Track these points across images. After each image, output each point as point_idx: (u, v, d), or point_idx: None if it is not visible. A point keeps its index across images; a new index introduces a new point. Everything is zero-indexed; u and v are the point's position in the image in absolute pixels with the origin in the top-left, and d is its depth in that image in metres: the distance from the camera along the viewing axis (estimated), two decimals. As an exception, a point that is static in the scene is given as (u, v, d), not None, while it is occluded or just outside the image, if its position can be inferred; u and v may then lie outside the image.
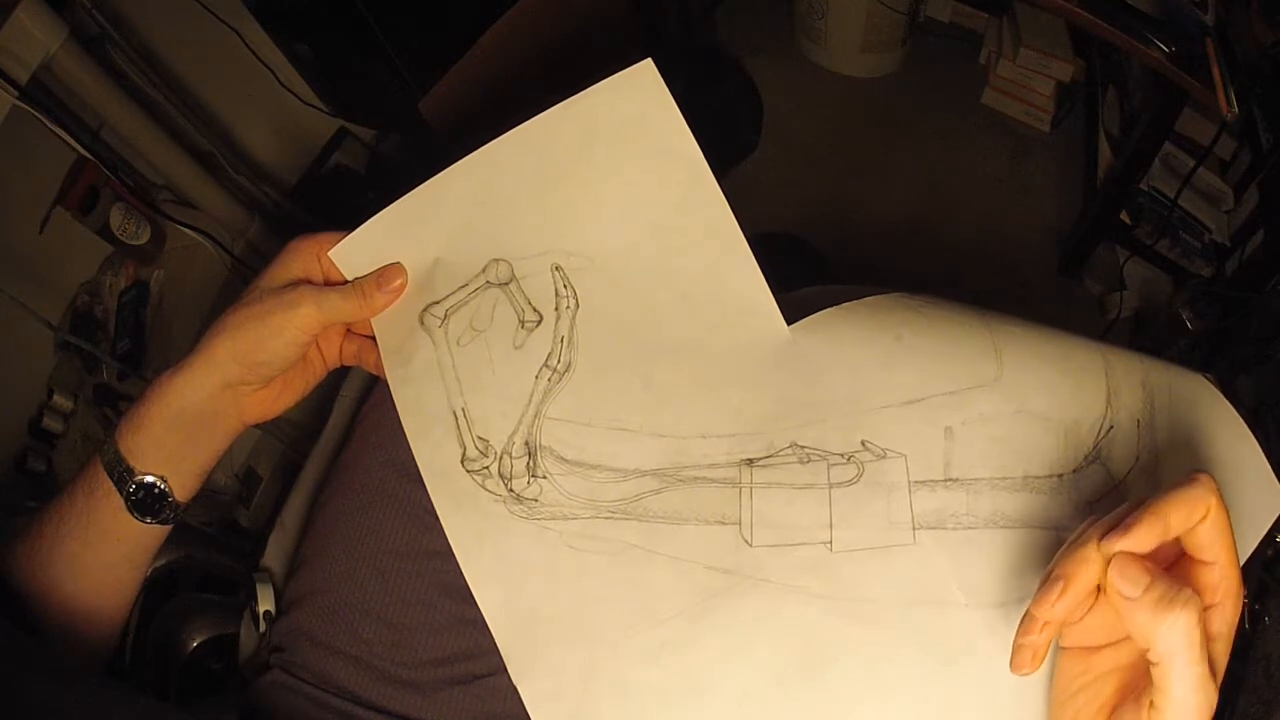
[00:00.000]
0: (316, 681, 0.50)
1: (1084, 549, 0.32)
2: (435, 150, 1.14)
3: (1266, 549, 0.67)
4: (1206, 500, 0.32)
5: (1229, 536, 0.32)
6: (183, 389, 0.46)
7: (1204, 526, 0.32)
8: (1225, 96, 0.96)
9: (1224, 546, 0.32)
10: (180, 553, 0.63)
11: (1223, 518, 0.32)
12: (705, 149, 0.45)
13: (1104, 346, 0.47)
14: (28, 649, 0.43)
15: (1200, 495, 0.32)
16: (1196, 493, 0.32)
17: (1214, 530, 0.32)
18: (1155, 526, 0.31)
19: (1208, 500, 0.32)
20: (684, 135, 0.45)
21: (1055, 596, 0.32)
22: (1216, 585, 0.32)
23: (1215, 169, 1.34)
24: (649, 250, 0.47)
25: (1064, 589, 0.32)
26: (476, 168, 0.47)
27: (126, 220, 1.14)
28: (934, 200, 1.59)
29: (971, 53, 1.71)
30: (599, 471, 0.46)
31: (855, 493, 0.43)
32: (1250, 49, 1.04)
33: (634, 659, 0.43)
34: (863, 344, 0.46)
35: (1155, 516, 0.31)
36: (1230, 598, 0.32)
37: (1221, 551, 0.32)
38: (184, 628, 0.63)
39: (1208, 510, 0.32)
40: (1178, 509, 0.32)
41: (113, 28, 1.12)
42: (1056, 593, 0.32)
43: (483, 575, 0.45)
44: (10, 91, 0.89)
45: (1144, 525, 0.31)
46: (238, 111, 1.36)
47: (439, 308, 0.49)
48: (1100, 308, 1.43)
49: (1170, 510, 0.32)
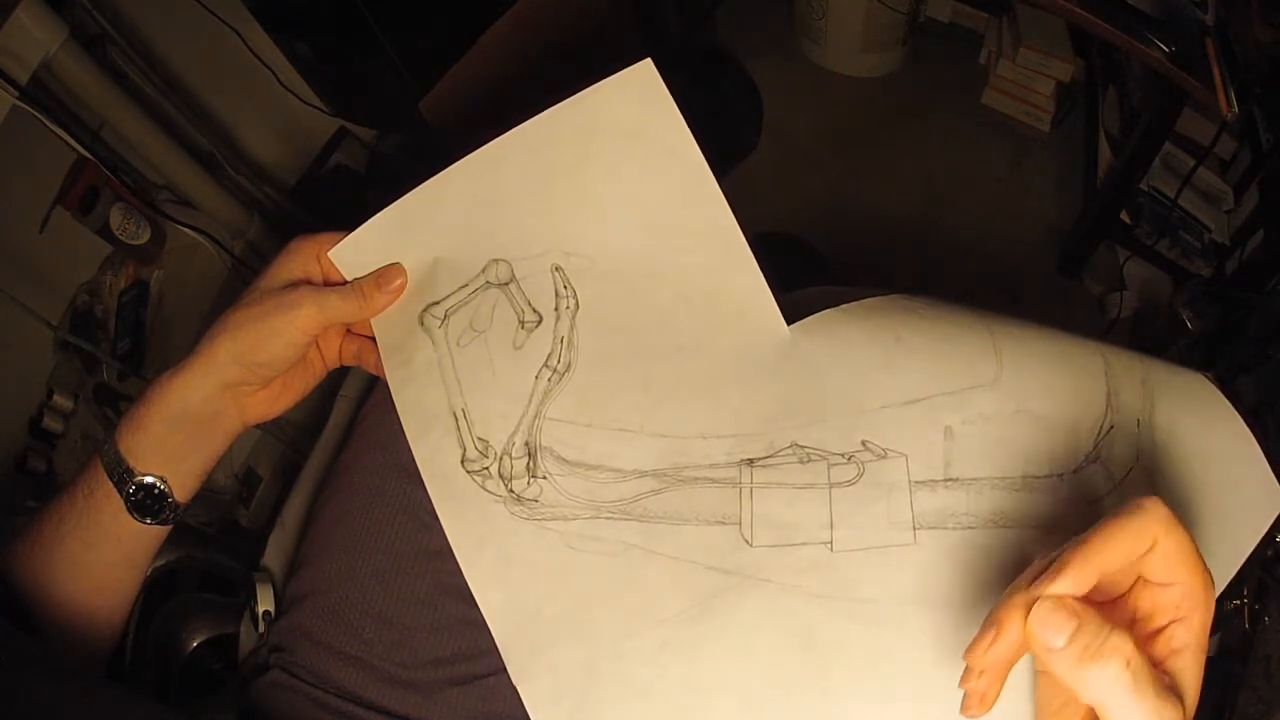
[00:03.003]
0: (316, 681, 0.50)
1: (1015, 595, 0.31)
2: (435, 150, 1.14)
3: (1266, 549, 0.67)
4: (1149, 531, 0.30)
5: (1188, 556, 0.30)
6: (183, 390, 0.46)
7: (1153, 556, 0.30)
8: (1225, 96, 0.96)
9: (1184, 567, 0.30)
10: (180, 553, 0.63)
11: (1176, 542, 0.30)
12: (705, 149, 0.45)
13: (1104, 346, 0.47)
14: (28, 649, 0.43)
15: (1141, 527, 0.30)
16: (1136, 525, 0.30)
17: (1165, 558, 0.30)
18: (1086, 570, 0.30)
19: (1151, 531, 0.30)
20: (684, 135, 0.45)
21: (987, 644, 0.31)
22: (1178, 604, 0.30)
23: (1215, 169, 1.34)
24: (649, 250, 0.47)
25: (995, 636, 0.31)
26: (476, 168, 0.47)
27: (126, 220, 1.14)
28: (934, 200, 1.59)
29: (971, 53, 1.71)
30: (599, 472, 0.46)
31: (855, 493, 0.43)
32: (1250, 49, 1.04)
33: (634, 659, 0.43)
34: (863, 344, 0.46)
35: (1084, 561, 0.30)
36: (1197, 610, 0.30)
37: (1180, 572, 0.30)
38: (184, 628, 0.63)
39: (1153, 541, 0.30)
40: (1114, 546, 0.30)
41: (113, 28, 1.12)
42: (988, 640, 0.31)
43: (483, 575, 0.45)
44: (10, 91, 0.89)
45: (1073, 569, 0.30)
46: (238, 111, 1.36)
47: (439, 308, 0.49)
48: (1100, 308, 1.43)
49: (1104, 549, 0.30)
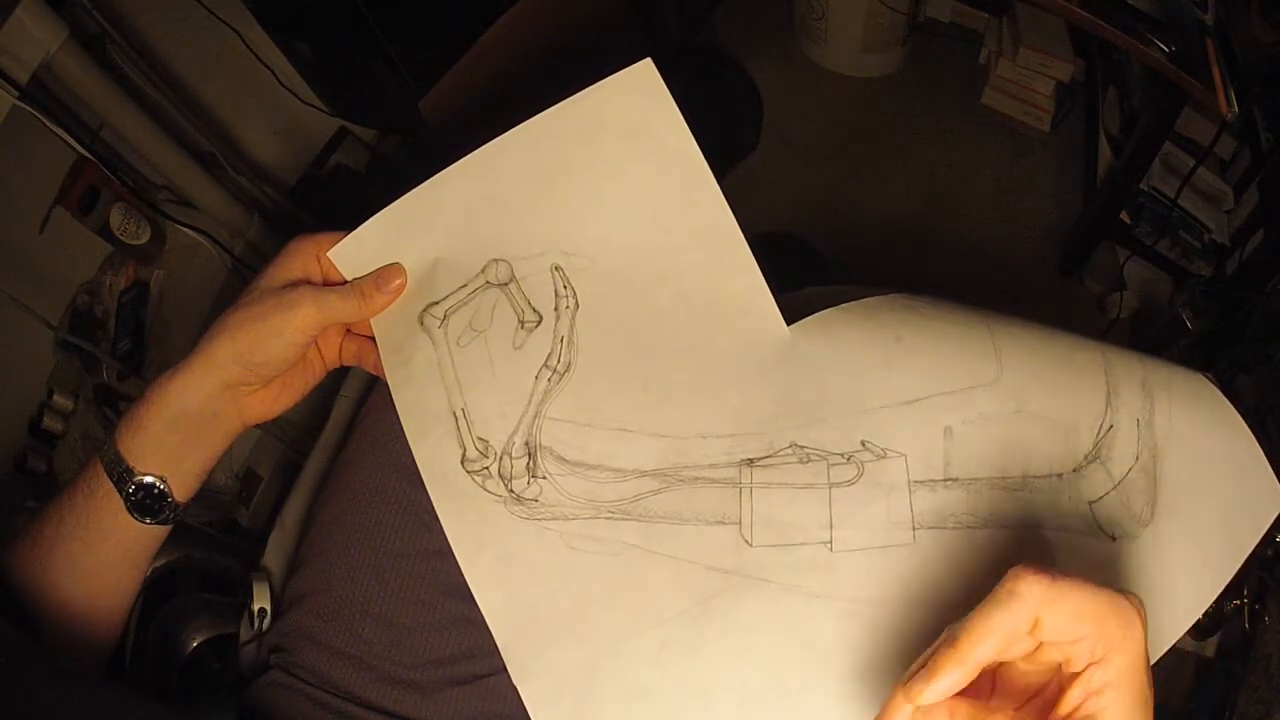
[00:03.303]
0: (316, 681, 0.50)
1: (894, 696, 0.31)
2: (435, 150, 1.14)
3: (1266, 549, 0.67)
4: (1027, 616, 0.29)
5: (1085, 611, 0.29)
6: (182, 390, 0.46)
7: (1045, 628, 0.29)
8: (1225, 96, 0.96)
9: (1088, 621, 0.29)
10: (180, 553, 0.62)
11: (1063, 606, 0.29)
12: (705, 149, 0.45)
13: (1104, 346, 0.47)
14: (28, 649, 0.43)
15: (1014, 617, 0.29)
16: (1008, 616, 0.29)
17: (1059, 625, 0.29)
18: (959, 670, 0.29)
19: (1029, 615, 0.29)
20: (684, 135, 0.45)
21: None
22: (1092, 650, 0.30)
23: (1215, 169, 1.34)
24: (649, 250, 0.47)
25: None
26: (476, 167, 0.47)
27: (126, 220, 1.14)
28: (934, 200, 1.59)
29: (971, 53, 1.71)
30: (599, 472, 0.46)
31: (855, 493, 0.43)
32: (1250, 49, 1.04)
33: (634, 659, 0.43)
34: (862, 344, 0.46)
35: (957, 662, 0.29)
36: (1113, 650, 0.29)
37: (1084, 627, 0.29)
38: (184, 628, 0.63)
39: (1034, 620, 0.29)
40: (987, 641, 0.29)
41: (113, 28, 1.12)
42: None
43: (483, 576, 0.45)
44: (10, 91, 0.89)
45: (944, 673, 0.29)
46: (238, 111, 1.36)
47: (438, 308, 0.49)
48: (1100, 308, 1.43)
49: (978, 647, 0.29)
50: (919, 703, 0.30)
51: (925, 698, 0.29)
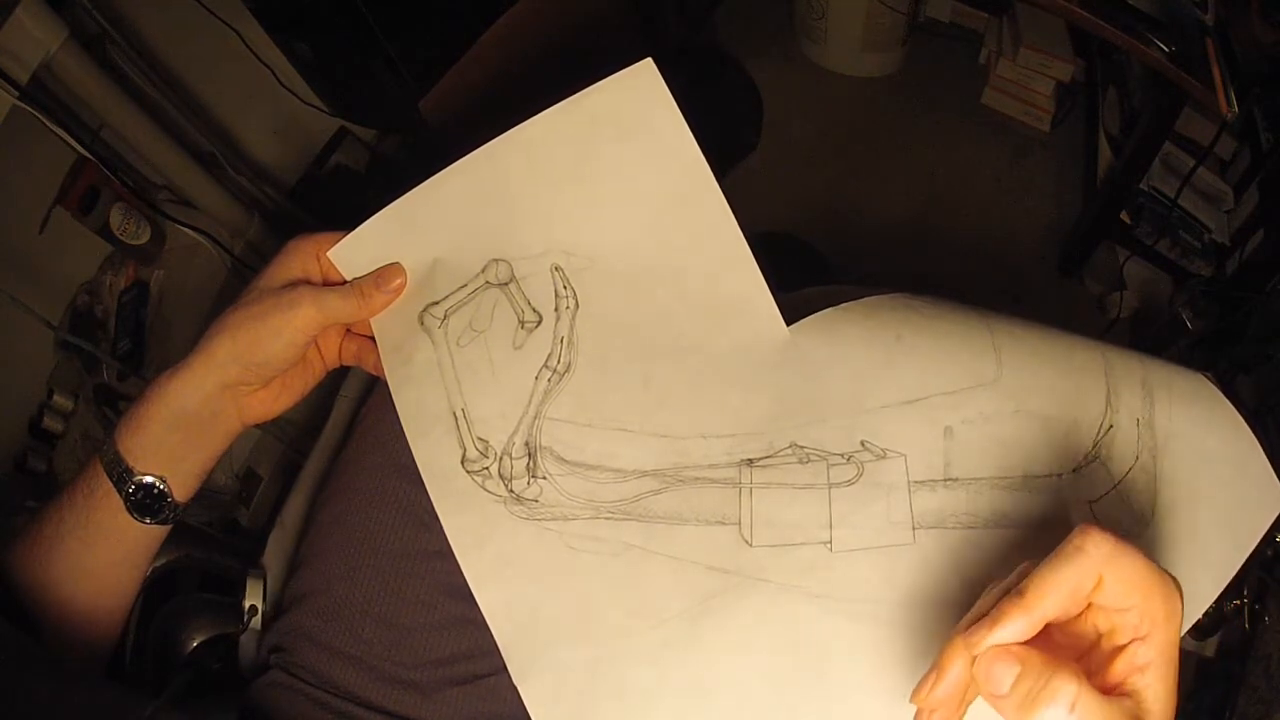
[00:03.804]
0: (316, 681, 0.50)
1: (956, 639, 0.31)
2: (435, 150, 1.14)
3: (1266, 549, 0.67)
4: (1092, 572, 0.29)
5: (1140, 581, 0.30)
6: (182, 389, 0.46)
7: (1101, 591, 0.30)
8: (1225, 96, 0.96)
9: (1137, 593, 0.30)
10: (180, 553, 0.62)
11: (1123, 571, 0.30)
12: (705, 149, 0.45)
13: (1104, 346, 0.47)
14: (28, 649, 0.43)
15: (1081, 572, 0.30)
16: (1074, 571, 0.30)
17: (1116, 589, 0.30)
18: (1025, 621, 0.30)
19: (1094, 572, 0.29)
20: (684, 135, 0.45)
21: (929, 687, 0.31)
22: (1137, 625, 0.30)
23: (1215, 169, 1.34)
24: (649, 250, 0.47)
25: (936, 680, 0.31)
26: (476, 167, 0.47)
27: (126, 220, 1.14)
28: (934, 200, 1.59)
29: (971, 53, 1.71)
30: (599, 472, 0.46)
31: (855, 493, 0.43)
32: (1250, 49, 1.04)
33: (634, 659, 0.43)
34: (862, 344, 0.46)
35: (1023, 612, 0.29)
36: (1157, 627, 0.30)
37: (1135, 597, 0.30)
38: (184, 628, 0.63)
39: (1097, 578, 0.30)
40: (1053, 593, 0.30)
41: (113, 28, 1.12)
42: (929, 684, 0.31)
43: (483, 576, 0.45)
44: (10, 91, 0.89)
45: (1009, 622, 0.29)
46: (238, 111, 1.36)
47: (438, 308, 0.49)
48: (1100, 308, 1.43)
49: (1043, 597, 0.30)
50: (976, 648, 0.30)
51: (990, 641, 0.30)
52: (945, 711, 0.32)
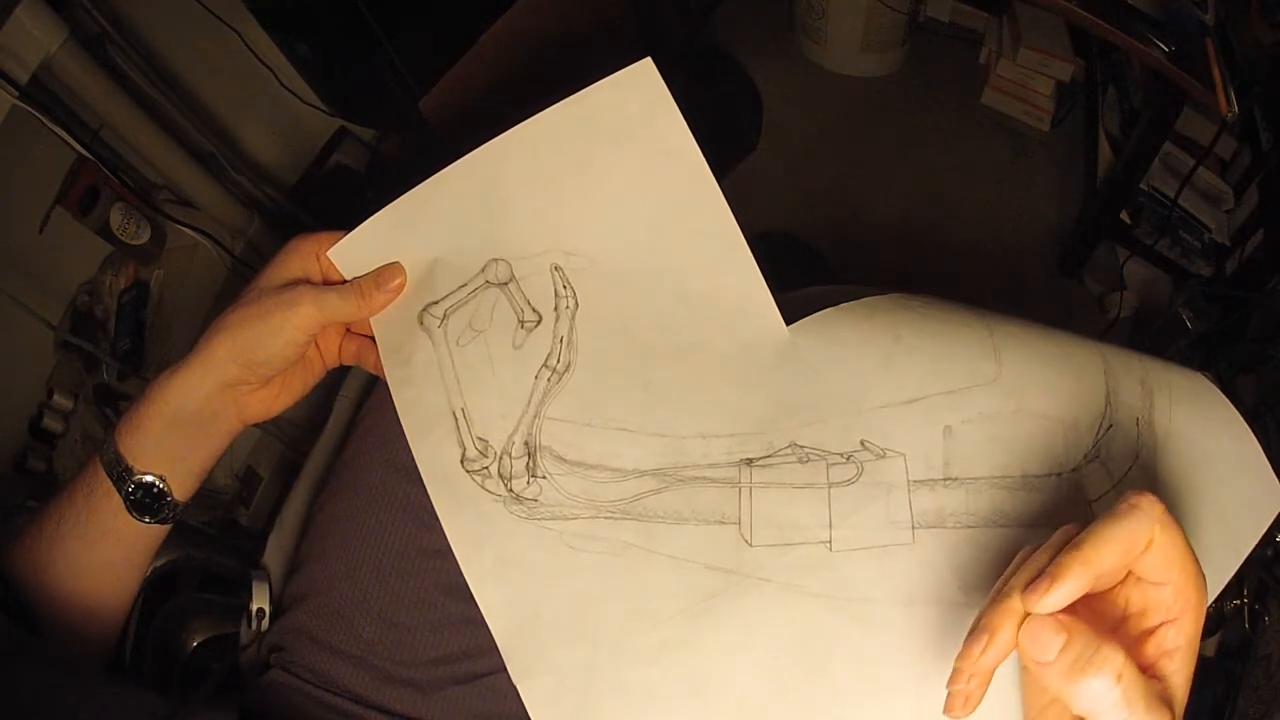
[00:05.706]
0: (317, 681, 0.50)
1: (1008, 601, 0.31)
2: (435, 150, 1.14)
3: (1266, 549, 0.67)
4: (1147, 531, 0.30)
5: (1182, 556, 0.30)
6: (181, 389, 0.46)
7: (1147, 555, 0.30)
8: (1225, 96, 0.96)
9: (1177, 568, 0.30)
10: (180, 553, 0.62)
11: (1170, 541, 0.30)
12: (705, 149, 0.45)
13: (1103, 346, 0.47)
14: (30, 648, 0.43)
15: (1137, 528, 0.30)
16: (1132, 525, 0.30)
17: (1160, 557, 0.30)
18: (1084, 575, 0.30)
19: (1148, 531, 0.30)
20: (684, 135, 0.45)
21: (979, 650, 0.31)
22: (1170, 604, 0.31)
23: (1215, 169, 1.34)
24: (649, 250, 0.47)
25: (988, 643, 0.31)
26: (476, 167, 0.47)
27: (126, 220, 1.14)
28: (934, 200, 1.59)
29: (971, 53, 1.71)
30: (599, 471, 0.46)
31: (854, 492, 0.43)
32: (1250, 49, 1.04)
33: (634, 659, 0.43)
34: (862, 344, 0.46)
35: (1083, 565, 0.30)
36: (1188, 612, 0.30)
37: (1174, 572, 0.30)
38: (184, 628, 0.63)
39: (1149, 540, 0.30)
40: (1110, 549, 0.30)
41: (113, 28, 1.12)
42: (980, 646, 0.31)
43: (483, 575, 0.45)
44: (10, 91, 0.89)
45: (1070, 576, 0.29)
46: (238, 111, 1.36)
47: (438, 308, 0.49)
48: (1100, 308, 1.43)
49: (1101, 552, 0.30)
50: (1037, 609, 0.30)
51: (1045, 604, 0.30)
52: (982, 678, 0.32)
